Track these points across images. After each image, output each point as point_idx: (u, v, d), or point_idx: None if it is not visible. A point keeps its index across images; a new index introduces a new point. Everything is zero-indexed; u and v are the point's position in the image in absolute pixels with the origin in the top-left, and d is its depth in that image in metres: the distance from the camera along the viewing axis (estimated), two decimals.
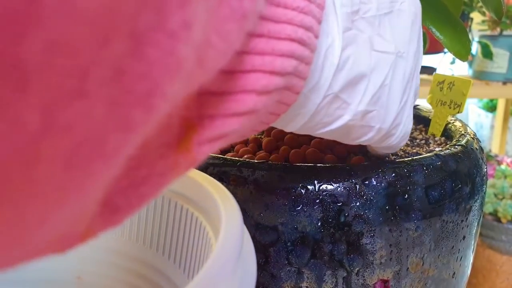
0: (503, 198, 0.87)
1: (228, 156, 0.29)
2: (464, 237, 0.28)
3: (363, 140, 0.22)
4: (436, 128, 0.36)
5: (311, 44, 0.16)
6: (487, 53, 1.01)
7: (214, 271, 0.14)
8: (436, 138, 0.36)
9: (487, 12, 0.96)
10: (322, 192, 0.25)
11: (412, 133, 0.37)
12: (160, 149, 0.11)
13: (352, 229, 0.25)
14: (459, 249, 0.28)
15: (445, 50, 0.31)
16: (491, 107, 1.65)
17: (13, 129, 0.07)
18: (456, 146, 0.29)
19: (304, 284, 0.26)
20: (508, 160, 1.05)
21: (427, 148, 0.34)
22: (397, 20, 0.21)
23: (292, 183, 0.25)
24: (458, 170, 0.27)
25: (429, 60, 1.04)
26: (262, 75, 0.14)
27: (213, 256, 0.15)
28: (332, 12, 0.18)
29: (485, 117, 1.68)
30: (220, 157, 0.27)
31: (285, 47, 0.15)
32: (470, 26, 1.04)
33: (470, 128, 0.34)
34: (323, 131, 0.21)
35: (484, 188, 0.30)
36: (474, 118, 1.75)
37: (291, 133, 0.32)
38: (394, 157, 0.32)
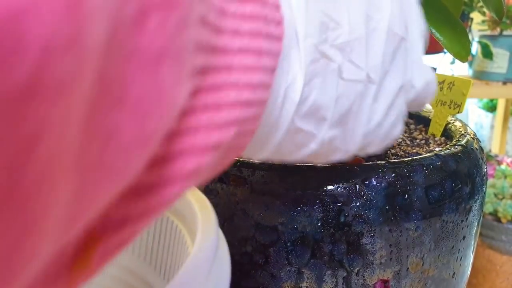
0: (503, 198, 0.87)
1: None
2: (464, 237, 0.28)
3: (333, 160, 0.21)
4: (436, 128, 0.36)
5: (260, 98, 0.14)
6: (487, 53, 1.01)
7: (189, 274, 0.14)
8: (436, 138, 0.36)
9: (487, 12, 0.96)
10: (322, 192, 0.25)
11: (412, 133, 0.37)
12: (49, 279, 0.09)
13: (352, 229, 0.25)
14: (459, 249, 0.28)
15: (445, 50, 0.31)
16: (491, 107, 1.65)
17: None
18: (456, 146, 0.29)
19: (304, 284, 0.26)
20: (508, 160, 1.05)
21: (427, 148, 0.34)
22: (371, 41, 0.19)
23: (292, 183, 0.25)
24: (458, 170, 0.27)
25: (429, 60, 1.04)
26: (191, 157, 0.12)
27: (188, 260, 0.15)
28: (295, 46, 0.17)
29: (485, 117, 1.68)
30: None
31: (224, 117, 0.12)
32: (470, 26, 1.04)
33: (470, 128, 0.34)
34: (291, 159, 0.20)
35: (484, 188, 0.30)
36: (474, 118, 1.75)
37: None
38: (394, 157, 0.32)
